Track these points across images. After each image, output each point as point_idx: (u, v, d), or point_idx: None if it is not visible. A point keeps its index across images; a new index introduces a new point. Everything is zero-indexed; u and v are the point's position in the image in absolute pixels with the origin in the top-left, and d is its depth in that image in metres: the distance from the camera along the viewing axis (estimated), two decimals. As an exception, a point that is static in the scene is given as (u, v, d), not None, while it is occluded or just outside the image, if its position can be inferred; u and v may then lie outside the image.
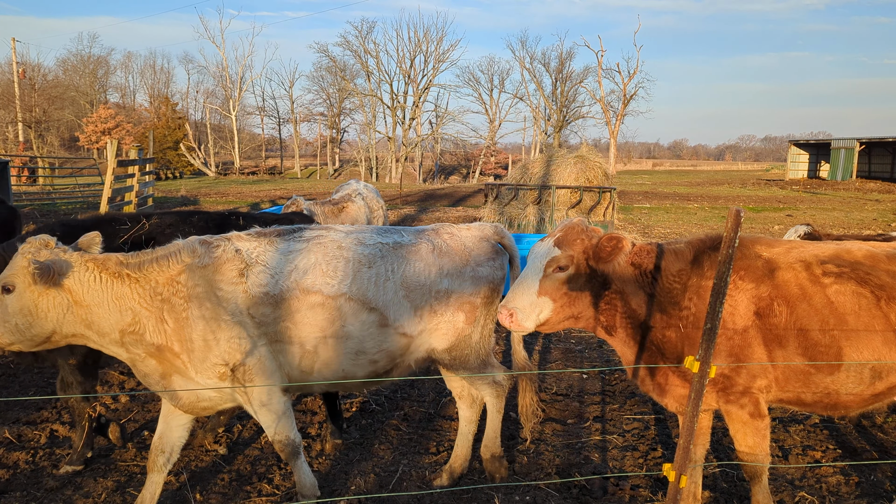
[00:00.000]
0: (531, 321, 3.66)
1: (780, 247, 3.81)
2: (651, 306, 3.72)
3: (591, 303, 3.75)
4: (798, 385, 3.68)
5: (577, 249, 3.70)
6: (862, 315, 3.58)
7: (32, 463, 4.70)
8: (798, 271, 3.66)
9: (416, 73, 63.58)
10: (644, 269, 3.75)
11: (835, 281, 3.63)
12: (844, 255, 3.74)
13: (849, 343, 3.58)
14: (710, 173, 73.71)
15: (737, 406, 3.68)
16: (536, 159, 16.98)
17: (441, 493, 4.33)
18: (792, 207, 27.45)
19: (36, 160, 36.16)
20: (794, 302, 3.60)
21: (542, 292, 3.66)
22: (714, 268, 3.64)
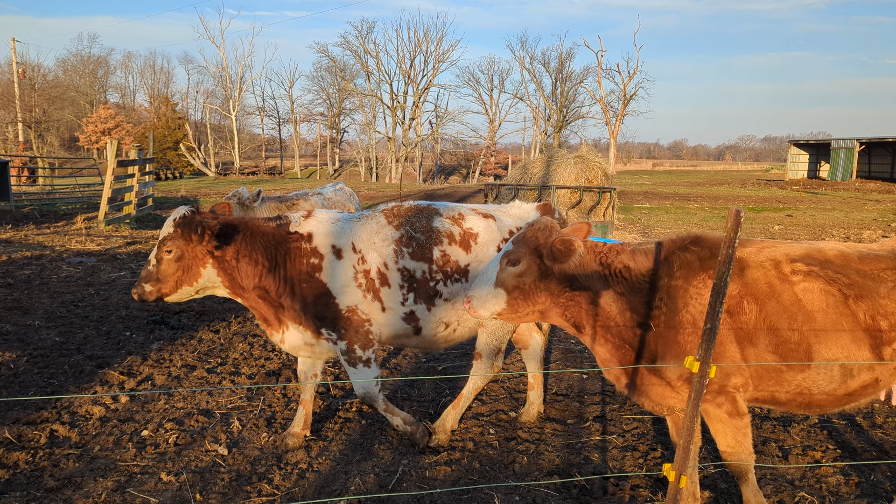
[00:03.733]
0: (486, 310, 3.82)
1: (752, 246, 3.86)
2: (621, 306, 3.77)
3: (552, 299, 3.83)
4: (772, 383, 3.71)
5: (528, 247, 3.80)
6: (830, 313, 3.61)
7: (32, 463, 4.69)
8: (767, 270, 3.70)
9: (416, 73, 63.62)
10: (614, 268, 3.81)
11: (804, 279, 3.66)
12: (815, 254, 3.77)
13: (818, 341, 3.62)
14: (710, 173, 73.72)
15: (714, 405, 3.71)
16: (536, 159, 16.99)
17: (441, 493, 4.33)
18: (792, 207, 27.45)
19: (36, 160, 36.14)
20: (763, 300, 3.64)
21: (497, 284, 3.81)
22: (683, 268, 3.71)
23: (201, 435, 5.18)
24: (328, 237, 4.75)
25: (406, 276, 4.75)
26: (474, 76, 78.75)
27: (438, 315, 4.82)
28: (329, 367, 6.83)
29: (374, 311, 4.75)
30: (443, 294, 4.80)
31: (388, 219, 4.88)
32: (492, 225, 4.96)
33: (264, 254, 4.68)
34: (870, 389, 3.75)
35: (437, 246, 4.80)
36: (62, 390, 6.05)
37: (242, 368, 6.76)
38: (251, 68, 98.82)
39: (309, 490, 4.39)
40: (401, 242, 4.78)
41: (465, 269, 4.83)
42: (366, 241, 4.77)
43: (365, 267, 4.72)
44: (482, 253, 4.86)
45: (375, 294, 4.73)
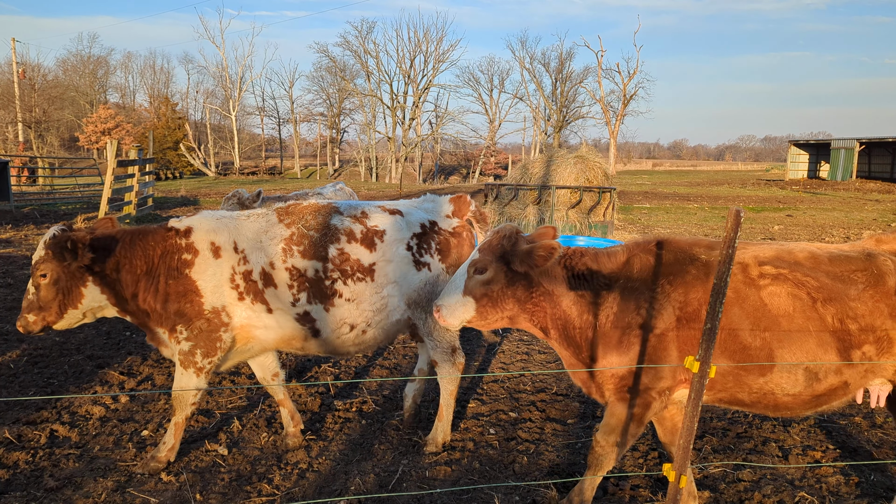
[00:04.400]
0: (456, 318, 3.86)
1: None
2: (582, 308, 3.80)
3: (519, 305, 3.86)
4: (731, 385, 3.71)
5: (495, 254, 3.81)
6: (796, 317, 3.60)
7: (32, 463, 4.69)
8: (734, 273, 3.68)
9: (416, 73, 63.60)
10: (577, 271, 3.84)
11: (771, 282, 3.65)
12: (785, 256, 3.76)
13: (780, 345, 3.60)
14: (710, 173, 73.72)
15: (625, 405, 3.76)
16: (536, 159, 16.97)
17: (441, 493, 4.33)
18: (792, 207, 27.45)
19: (36, 160, 36.15)
20: (727, 304, 3.61)
21: (465, 292, 3.84)
22: (643, 270, 3.74)
23: (201, 435, 5.18)
24: (208, 234, 4.53)
25: (296, 275, 4.52)
26: (474, 76, 78.89)
27: (339, 315, 4.61)
28: (329, 368, 6.83)
29: (256, 314, 4.52)
30: (343, 294, 4.58)
31: (280, 217, 4.68)
32: (399, 221, 4.81)
33: (143, 258, 4.44)
34: (839, 392, 3.73)
35: (333, 244, 4.60)
36: (62, 390, 6.05)
37: (242, 368, 6.76)
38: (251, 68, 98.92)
39: (309, 490, 4.39)
40: (291, 240, 4.56)
41: (371, 267, 4.65)
42: (251, 241, 4.55)
43: (246, 268, 4.49)
44: (389, 251, 4.70)
45: (258, 295, 4.50)
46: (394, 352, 7.45)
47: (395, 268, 4.70)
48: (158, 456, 4.62)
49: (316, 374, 6.68)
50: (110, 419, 5.44)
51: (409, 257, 4.74)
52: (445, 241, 4.88)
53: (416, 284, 4.75)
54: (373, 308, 4.67)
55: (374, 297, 4.66)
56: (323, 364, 6.92)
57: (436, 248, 4.84)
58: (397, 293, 4.73)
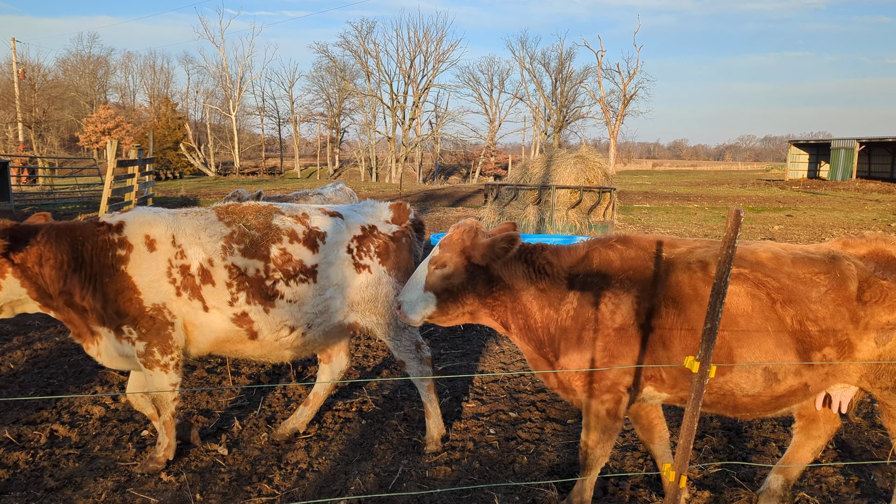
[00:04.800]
0: (417, 315, 3.88)
1: (684, 247, 3.85)
2: (542, 302, 3.82)
3: (479, 299, 3.88)
4: (688, 385, 3.69)
5: (455, 250, 3.84)
6: (755, 317, 3.59)
7: (32, 463, 4.70)
8: (694, 272, 3.69)
9: (416, 73, 63.60)
10: (537, 265, 3.85)
11: (730, 282, 3.63)
12: (748, 255, 3.75)
13: (739, 345, 3.60)
14: (710, 173, 73.71)
15: (598, 401, 3.77)
16: (536, 159, 16.96)
17: (441, 493, 4.33)
18: (792, 207, 27.45)
19: (36, 160, 36.15)
20: (684, 303, 3.63)
21: (426, 288, 3.86)
22: (603, 265, 3.76)
23: (201, 435, 5.18)
24: (142, 227, 4.38)
25: (235, 274, 4.42)
26: (474, 76, 78.69)
27: (279, 317, 4.52)
28: (329, 367, 6.83)
29: (194, 311, 4.42)
30: (284, 294, 4.50)
31: (220, 215, 4.59)
32: (340, 224, 4.76)
33: (70, 253, 4.24)
34: (799, 394, 3.73)
35: (275, 244, 4.52)
36: (62, 390, 6.05)
37: (242, 368, 6.76)
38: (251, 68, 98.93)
39: (309, 490, 4.39)
40: (231, 238, 4.47)
41: (313, 269, 4.59)
42: (189, 236, 4.43)
43: (183, 262, 4.36)
44: (331, 253, 4.65)
45: (195, 292, 4.38)
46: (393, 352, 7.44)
47: (337, 270, 4.67)
48: (157, 457, 4.62)
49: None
50: (110, 419, 5.44)
51: (349, 259, 4.71)
52: (385, 244, 4.84)
53: (357, 287, 4.72)
54: (315, 310, 4.62)
55: (317, 299, 4.61)
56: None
57: (375, 251, 4.80)
58: (339, 295, 4.69)
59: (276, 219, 4.63)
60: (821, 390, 3.79)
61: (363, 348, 7.55)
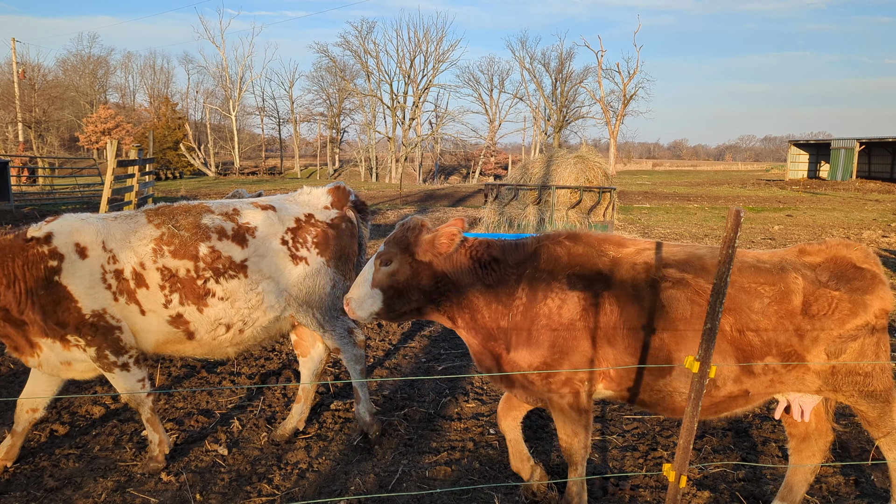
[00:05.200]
0: (364, 311, 3.90)
1: (633, 247, 3.86)
2: (489, 298, 3.85)
3: (425, 295, 3.91)
4: (631, 384, 3.75)
5: (399, 247, 3.88)
6: (693, 322, 3.59)
7: (32, 463, 4.70)
8: (639, 273, 3.71)
9: (416, 73, 63.62)
10: (483, 261, 3.88)
11: (672, 285, 3.65)
12: (694, 261, 3.75)
13: (678, 348, 3.61)
14: (710, 173, 73.72)
15: (557, 395, 3.81)
16: (536, 159, 16.96)
17: (441, 493, 4.33)
18: (792, 207, 27.45)
19: (36, 160, 36.16)
20: (626, 302, 3.66)
21: (373, 285, 3.88)
22: (550, 261, 3.78)
23: (201, 435, 5.18)
24: (70, 235, 4.33)
25: (167, 276, 4.39)
26: (474, 76, 78.89)
27: (214, 316, 4.51)
28: (329, 368, 6.83)
29: (132, 315, 4.39)
30: (216, 293, 4.49)
31: (149, 218, 4.54)
32: (271, 217, 4.73)
33: (1, 270, 4.17)
34: (740, 401, 3.73)
35: (204, 242, 4.49)
36: (62, 390, 6.04)
37: (242, 368, 6.76)
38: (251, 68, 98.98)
39: (309, 490, 4.39)
40: (161, 241, 4.43)
41: (243, 264, 4.56)
42: (119, 240, 4.39)
43: (116, 267, 4.32)
44: (262, 247, 4.62)
45: (131, 296, 4.36)
46: (394, 352, 7.45)
47: (270, 263, 4.63)
48: (154, 455, 4.62)
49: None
50: (110, 419, 5.44)
51: (284, 251, 4.69)
52: (323, 233, 4.81)
53: (294, 279, 4.69)
54: (248, 305, 4.59)
55: (249, 295, 4.58)
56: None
57: (313, 241, 4.78)
58: (274, 289, 4.65)
59: (205, 218, 4.60)
60: (765, 397, 3.78)
61: (363, 348, 7.54)
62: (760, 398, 3.78)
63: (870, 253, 3.78)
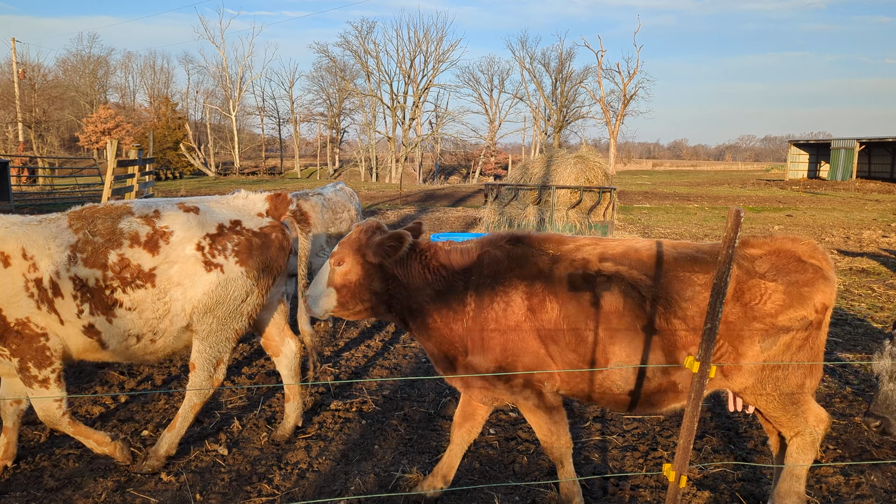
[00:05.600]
0: (319, 308, 4.06)
1: (573, 244, 3.92)
2: (438, 302, 3.92)
3: (376, 296, 4.01)
4: (577, 380, 3.79)
5: (352, 247, 3.98)
6: (626, 315, 3.63)
7: (32, 463, 4.70)
8: (577, 269, 3.76)
9: (416, 73, 63.60)
10: (432, 266, 3.95)
11: (607, 280, 3.69)
12: (631, 253, 3.79)
13: (612, 342, 3.66)
14: (710, 173, 73.70)
15: (521, 398, 3.87)
16: (536, 159, 16.95)
17: (441, 493, 4.33)
18: (792, 207, 27.45)
19: (36, 160, 36.16)
20: (565, 299, 3.70)
21: (329, 284, 4.02)
22: (492, 265, 3.85)
23: (201, 435, 5.18)
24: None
25: (79, 285, 4.25)
26: (474, 76, 78.93)
27: (123, 327, 4.35)
28: (329, 368, 6.83)
29: (53, 324, 4.28)
30: (123, 303, 4.32)
31: (71, 222, 4.39)
32: (192, 220, 4.52)
33: None
34: (670, 394, 3.73)
35: (115, 249, 4.31)
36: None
37: (242, 368, 6.76)
38: (251, 68, 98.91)
39: (309, 490, 4.39)
40: (76, 248, 4.28)
41: (151, 273, 4.35)
42: (40, 247, 4.26)
43: (36, 275, 4.20)
44: (174, 253, 4.41)
45: (50, 305, 4.24)
46: (394, 352, 7.45)
47: (181, 270, 4.43)
48: (118, 457, 4.57)
49: (316, 374, 6.67)
50: (110, 419, 5.44)
51: (197, 258, 4.47)
52: (246, 241, 4.61)
53: (205, 287, 4.48)
54: (156, 315, 4.41)
55: (157, 304, 4.39)
56: (323, 364, 6.92)
57: (233, 248, 4.56)
58: (181, 297, 4.45)
59: (122, 221, 4.43)
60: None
61: (363, 348, 7.55)
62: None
63: (818, 248, 3.76)
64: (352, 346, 7.64)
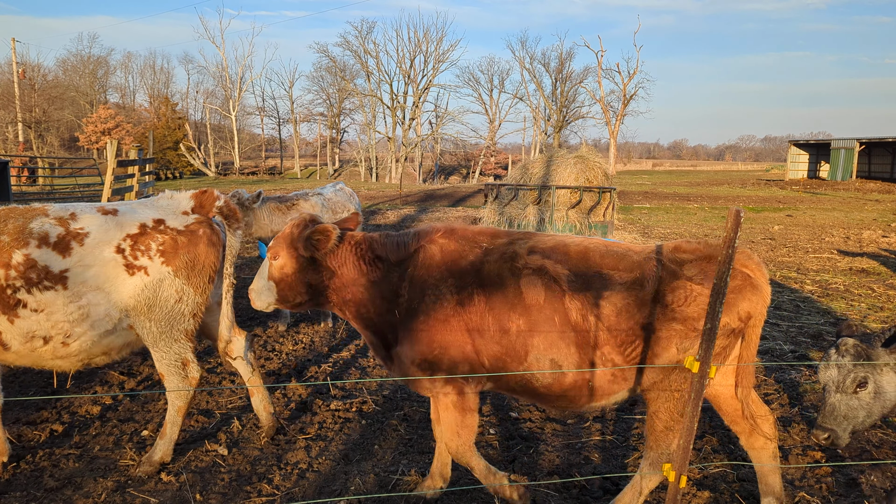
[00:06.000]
0: (261, 301, 4.16)
1: (506, 238, 3.95)
2: (374, 294, 3.98)
3: (314, 289, 4.09)
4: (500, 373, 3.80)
5: (285, 242, 4.05)
6: (545, 308, 3.65)
7: (32, 463, 4.70)
8: (506, 262, 3.79)
9: (416, 73, 63.62)
10: (367, 259, 4.01)
11: (531, 273, 3.72)
12: (560, 248, 3.81)
13: (531, 334, 3.68)
14: (710, 173, 73.71)
15: (442, 393, 3.88)
16: (536, 159, 16.95)
17: (441, 493, 4.33)
18: (792, 207, 27.45)
19: (36, 160, 36.16)
20: (493, 293, 3.74)
21: (269, 277, 4.11)
22: (426, 259, 3.90)
23: (201, 435, 5.18)
24: None
25: None
26: (474, 76, 78.96)
27: (27, 328, 4.23)
28: (329, 368, 6.83)
29: None
30: (28, 304, 4.18)
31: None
32: (109, 222, 4.39)
33: None
34: (584, 391, 3.72)
35: (20, 249, 4.19)
36: (62, 390, 6.05)
37: (242, 368, 6.75)
38: (251, 68, 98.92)
39: (309, 490, 4.39)
40: None
41: (62, 274, 4.23)
42: None
43: None
44: (89, 255, 4.29)
45: None
46: (394, 352, 7.44)
47: (99, 273, 4.31)
48: None
49: (316, 375, 6.68)
50: (110, 419, 5.44)
51: (118, 260, 4.35)
52: (172, 240, 4.49)
53: (130, 290, 4.36)
54: (69, 319, 4.27)
55: (70, 308, 4.26)
56: (323, 364, 6.92)
57: (157, 248, 4.44)
58: (104, 301, 4.33)
59: (34, 222, 4.31)
60: (611, 393, 3.74)
61: (363, 348, 7.54)
62: (606, 393, 3.74)
63: (753, 257, 3.72)
64: (351, 345, 7.63)
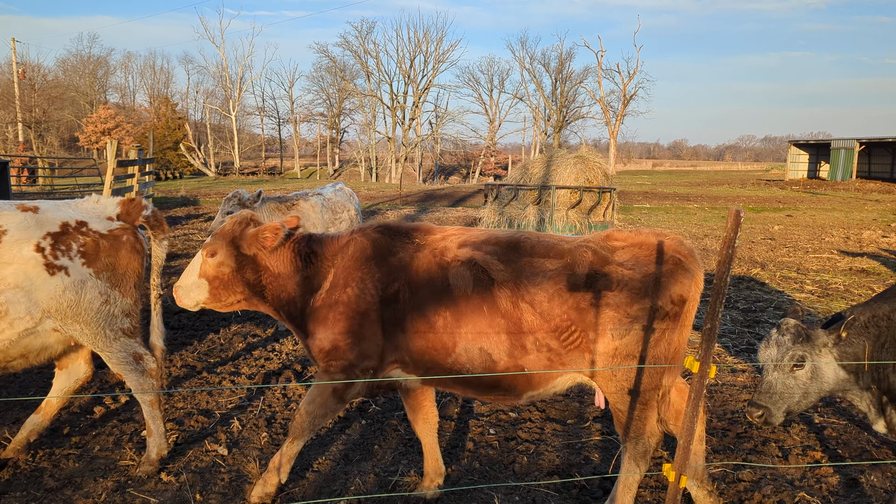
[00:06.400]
0: (190, 300, 4.07)
1: (439, 234, 3.97)
2: (304, 288, 3.99)
3: (249, 287, 4.05)
4: (427, 366, 3.82)
5: (226, 239, 4.02)
6: (474, 298, 3.67)
7: (32, 463, 4.70)
8: (436, 256, 3.81)
9: (416, 73, 63.62)
10: (304, 254, 4.03)
11: (460, 264, 3.74)
12: (491, 240, 3.84)
13: (459, 325, 3.69)
14: (710, 173, 73.73)
15: (328, 376, 3.90)
16: (536, 159, 16.94)
17: (441, 493, 4.33)
18: (792, 207, 27.44)
19: (36, 160, 36.16)
20: (421, 287, 3.75)
21: (200, 275, 4.03)
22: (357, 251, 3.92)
23: (201, 435, 5.18)
24: None
25: None
26: (474, 76, 78.87)
27: None
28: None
29: None
30: None
31: None
32: (29, 219, 4.27)
33: None
34: (521, 379, 3.72)
35: None
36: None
37: (242, 368, 6.76)
38: (251, 68, 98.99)
39: (309, 490, 4.39)
40: None
41: None
42: None
43: None
44: (8, 253, 4.15)
45: None
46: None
47: (18, 271, 4.17)
48: None
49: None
50: (110, 419, 5.44)
51: (37, 259, 4.22)
52: (93, 242, 4.40)
53: (52, 290, 4.24)
54: None
55: None
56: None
57: (79, 249, 4.34)
58: (24, 300, 4.20)
59: None
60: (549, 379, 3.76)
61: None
62: (543, 381, 3.76)
63: (684, 243, 3.75)
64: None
